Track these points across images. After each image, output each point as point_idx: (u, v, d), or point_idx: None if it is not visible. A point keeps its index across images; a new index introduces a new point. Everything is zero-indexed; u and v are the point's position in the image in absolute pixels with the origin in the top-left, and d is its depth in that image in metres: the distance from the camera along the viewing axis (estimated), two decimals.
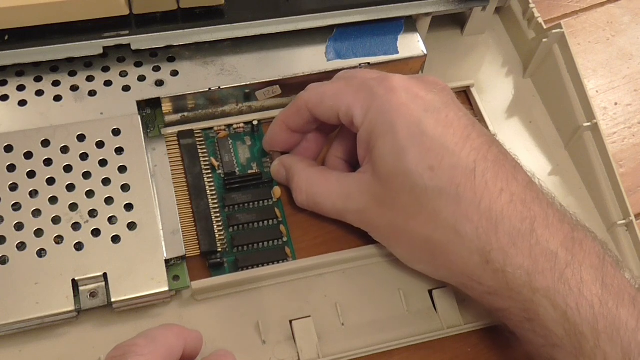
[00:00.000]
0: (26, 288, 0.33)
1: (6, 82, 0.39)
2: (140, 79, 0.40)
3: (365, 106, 0.33)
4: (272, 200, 0.39)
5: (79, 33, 0.38)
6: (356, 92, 0.34)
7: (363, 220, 0.35)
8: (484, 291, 0.32)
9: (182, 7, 0.40)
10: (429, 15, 0.43)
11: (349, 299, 0.36)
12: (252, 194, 0.39)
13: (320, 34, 0.42)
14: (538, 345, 0.31)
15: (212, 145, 0.40)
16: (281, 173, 0.38)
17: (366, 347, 0.35)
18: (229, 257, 0.37)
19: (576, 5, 0.52)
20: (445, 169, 0.31)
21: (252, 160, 0.40)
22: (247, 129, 0.41)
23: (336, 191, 0.35)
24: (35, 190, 0.35)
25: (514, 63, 0.47)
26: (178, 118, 0.40)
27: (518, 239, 0.30)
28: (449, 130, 0.32)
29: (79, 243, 0.34)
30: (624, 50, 0.50)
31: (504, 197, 0.31)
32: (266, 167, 0.40)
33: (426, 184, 0.31)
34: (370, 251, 0.37)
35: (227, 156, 0.39)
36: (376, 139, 0.33)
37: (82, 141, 0.37)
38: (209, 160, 0.39)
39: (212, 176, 0.39)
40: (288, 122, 0.38)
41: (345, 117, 0.35)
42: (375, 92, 0.33)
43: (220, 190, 0.39)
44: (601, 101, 0.47)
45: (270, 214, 0.38)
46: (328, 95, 0.35)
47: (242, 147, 0.40)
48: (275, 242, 0.38)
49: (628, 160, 0.45)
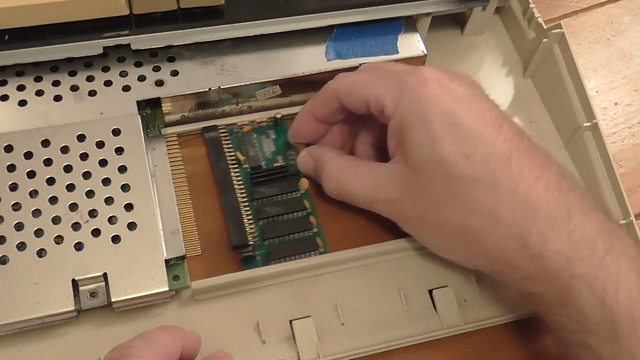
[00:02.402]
0: (26, 288, 0.33)
1: (6, 82, 0.39)
2: (140, 79, 0.40)
3: (396, 96, 0.33)
4: (299, 192, 0.39)
5: (79, 33, 0.38)
6: (386, 82, 0.34)
7: (394, 211, 0.35)
8: (520, 276, 0.32)
9: (182, 7, 0.40)
10: (429, 15, 0.43)
11: (349, 299, 0.36)
12: (279, 186, 0.39)
13: (320, 34, 0.42)
14: (571, 330, 0.31)
15: (237, 140, 0.40)
16: (309, 164, 0.39)
17: (366, 347, 0.35)
18: (260, 249, 0.37)
19: (576, 5, 0.52)
20: (481, 157, 0.31)
21: (277, 153, 0.40)
22: (271, 123, 0.41)
23: (367, 181, 0.35)
24: (35, 190, 0.35)
25: (514, 63, 0.47)
26: (178, 118, 0.40)
27: (556, 225, 0.30)
28: (483, 120, 0.32)
29: (79, 243, 0.34)
30: (624, 50, 0.50)
31: (540, 184, 0.31)
32: (291, 159, 0.40)
33: (462, 173, 0.31)
34: (370, 251, 0.37)
35: (252, 150, 0.40)
36: (408, 129, 0.33)
37: (82, 141, 0.37)
38: (234, 155, 0.40)
39: (239, 171, 0.39)
40: (315, 112, 0.38)
41: (375, 107, 0.35)
42: (406, 83, 0.33)
43: (247, 184, 0.39)
44: (601, 101, 0.47)
45: (299, 205, 0.38)
46: (357, 84, 0.35)
47: (266, 140, 0.41)
48: (305, 233, 0.38)
49: (628, 160, 0.45)
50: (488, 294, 0.37)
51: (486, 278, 0.37)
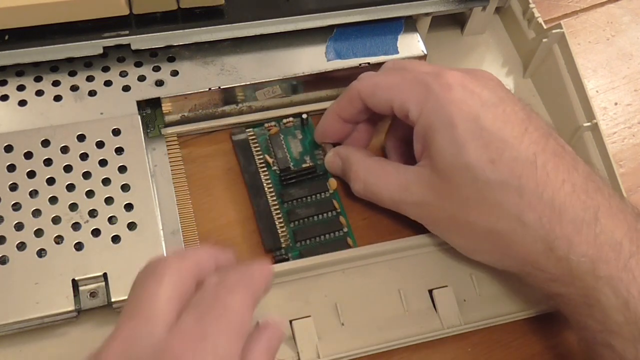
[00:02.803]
0: (26, 288, 0.33)
1: (6, 82, 0.39)
2: (140, 79, 0.40)
3: (421, 101, 0.34)
4: (328, 192, 0.39)
5: (79, 33, 0.38)
6: (411, 86, 0.34)
7: (421, 213, 0.36)
8: (546, 278, 0.32)
9: (182, 7, 0.40)
10: (429, 15, 0.43)
11: (349, 299, 0.36)
12: (308, 187, 0.39)
13: (320, 34, 0.42)
14: (595, 330, 0.31)
15: (264, 142, 0.41)
16: (336, 163, 0.39)
17: (366, 347, 0.35)
18: (293, 251, 0.37)
19: (576, 5, 0.52)
20: (506, 161, 0.31)
21: (304, 153, 0.40)
22: (297, 123, 0.41)
23: (394, 183, 0.36)
24: (35, 190, 0.35)
25: (514, 63, 0.47)
26: (178, 118, 0.40)
27: (582, 227, 0.31)
28: (507, 124, 0.32)
29: (79, 243, 0.34)
30: (624, 50, 0.50)
31: (566, 187, 0.31)
32: (319, 159, 0.40)
33: (488, 177, 0.32)
34: (370, 251, 0.37)
35: (280, 152, 0.40)
36: (433, 134, 0.33)
37: (82, 141, 0.37)
38: (263, 157, 0.40)
39: (268, 173, 0.39)
40: (340, 112, 0.38)
41: (399, 111, 0.35)
42: (431, 88, 0.33)
43: (277, 186, 0.39)
44: (601, 101, 0.47)
45: (328, 206, 0.39)
46: (382, 87, 0.36)
47: (293, 141, 0.41)
48: (336, 234, 0.38)
49: (628, 160, 0.45)
50: (488, 294, 0.37)
51: (486, 278, 0.37)
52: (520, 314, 0.36)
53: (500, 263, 0.35)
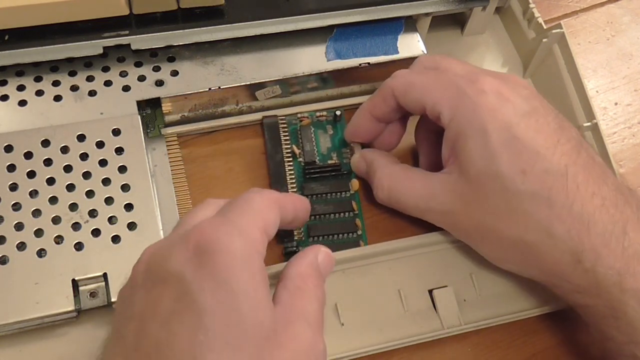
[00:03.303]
0: (26, 288, 0.33)
1: (6, 82, 0.39)
2: (140, 79, 0.40)
3: (454, 106, 0.33)
4: (349, 193, 0.39)
5: (79, 33, 0.38)
6: (445, 89, 0.34)
7: (448, 221, 0.36)
8: (571, 289, 0.32)
9: (182, 7, 0.40)
10: (429, 15, 0.43)
11: (349, 299, 0.36)
12: (330, 184, 0.39)
13: (320, 34, 0.42)
14: (621, 342, 0.31)
15: (295, 132, 0.41)
16: (362, 167, 0.39)
17: (366, 347, 0.35)
18: (304, 245, 0.37)
19: (576, 5, 0.52)
20: (537, 173, 0.31)
21: (332, 149, 0.40)
22: (330, 117, 0.41)
23: (419, 191, 0.35)
24: (35, 190, 0.35)
25: (514, 63, 0.47)
26: (178, 118, 0.40)
27: (611, 241, 0.31)
28: (540, 135, 0.32)
29: (79, 243, 0.34)
30: (624, 50, 0.50)
31: (596, 200, 0.31)
32: (346, 158, 0.40)
33: (518, 188, 0.31)
34: (370, 251, 0.37)
35: (309, 145, 0.40)
36: (465, 141, 0.33)
37: (82, 141, 0.37)
38: (290, 147, 0.40)
39: (293, 163, 0.39)
40: (373, 110, 0.37)
41: (431, 113, 0.35)
42: (465, 93, 0.33)
43: (299, 178, 0.39)
44: (601, 101, 0.47)
45: (347, 206, 0.39)
46: (415, 87, 0.35)
47: (323, 135, 0.41)
48: (349, 235, 0.38)
49: (628, 160, 0.45)
50: (488, 294, 0.37)
51: (486, 278, 0.37)
52: (520, 314, 0.36)
53: (527, 272, 0.34)
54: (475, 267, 0.37)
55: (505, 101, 0.33)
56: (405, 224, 0.39)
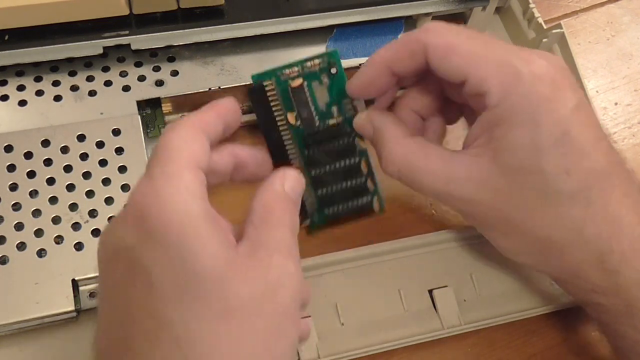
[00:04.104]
0: (26, 288, 0.33)
1: (6, 82, 0.39)
2: (140, 79, 0.40)
3: (505, 89, 0.29)
4: (356, 158, 0.35)
5: (79, 33, 0.38)
6: (498, 65, 0.29)
7: (468, 209, 0.33)
8: (587, 289, 0.31)
9: (182, 7, 0.40)
10: (429, 15, 0.43)
11: (349, 299, 0.36)
12: (337, 152, 0.35)
13: (320, 34, 0.42)
14: (634, 340, 0.31)
15: (285, 93, 0.34)
16: (368, 130, 0.34)
17: (366, 347, 0.35)
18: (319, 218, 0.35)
19: (576, 5, 0.52)
20: (581, 172, 0.30)
21: (331, 104, 0.35)
22: (323, 64, 0.34)
23: (438, 173, 0.31)
24: (35, 190, 0.35)
25: None
26: (178, 118, 0.40)
27: (638, 244, 0.30)
28: (588, 131, 0.30)
29: (79, 243, 0.34)
30: (624, 50, 0.50)
31: (628, 201, 0.30)
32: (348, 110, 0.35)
33: (560, 188, 0.30)
34: (370, 251, 0.37)
35: (306, 111, 0.34)
36: (510, 129, 0.29)
37: (82, 141, 0.37)
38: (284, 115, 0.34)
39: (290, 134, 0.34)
40: (393, 65, 0.31)
41: (472, 88, 0.30)
42: (520, 75, 0.29)
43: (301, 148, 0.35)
44: (601, 101, 0.47)
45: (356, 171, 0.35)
46: (461, 52, 0.30)
47: (318, 88, 0.34)
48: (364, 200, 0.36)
49: (628, 160, 0.44)
50: (488, 294, 0.37)
51: (486, 278, 0.37)
52: (520, 314, 0.36)
53: (543, 268, 0.33)
54: (475, 267, 0.37)
55: (559, 91, 0.29)
56: (406, 223, 0.38)
